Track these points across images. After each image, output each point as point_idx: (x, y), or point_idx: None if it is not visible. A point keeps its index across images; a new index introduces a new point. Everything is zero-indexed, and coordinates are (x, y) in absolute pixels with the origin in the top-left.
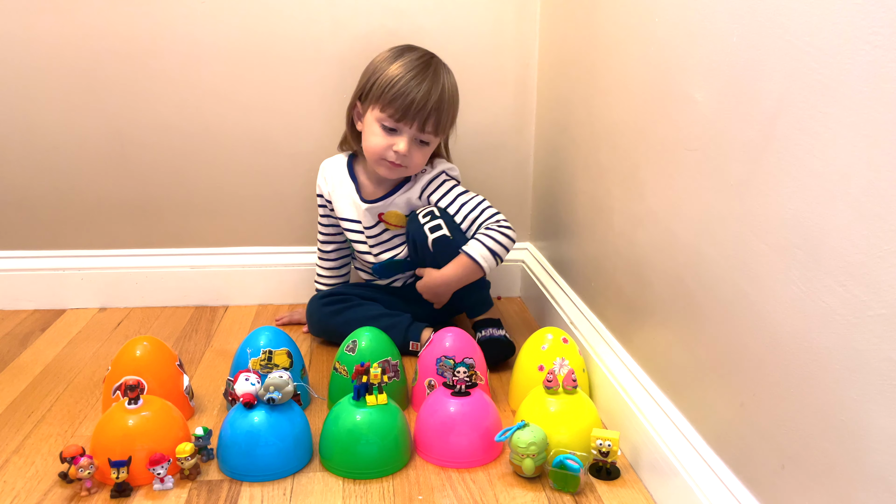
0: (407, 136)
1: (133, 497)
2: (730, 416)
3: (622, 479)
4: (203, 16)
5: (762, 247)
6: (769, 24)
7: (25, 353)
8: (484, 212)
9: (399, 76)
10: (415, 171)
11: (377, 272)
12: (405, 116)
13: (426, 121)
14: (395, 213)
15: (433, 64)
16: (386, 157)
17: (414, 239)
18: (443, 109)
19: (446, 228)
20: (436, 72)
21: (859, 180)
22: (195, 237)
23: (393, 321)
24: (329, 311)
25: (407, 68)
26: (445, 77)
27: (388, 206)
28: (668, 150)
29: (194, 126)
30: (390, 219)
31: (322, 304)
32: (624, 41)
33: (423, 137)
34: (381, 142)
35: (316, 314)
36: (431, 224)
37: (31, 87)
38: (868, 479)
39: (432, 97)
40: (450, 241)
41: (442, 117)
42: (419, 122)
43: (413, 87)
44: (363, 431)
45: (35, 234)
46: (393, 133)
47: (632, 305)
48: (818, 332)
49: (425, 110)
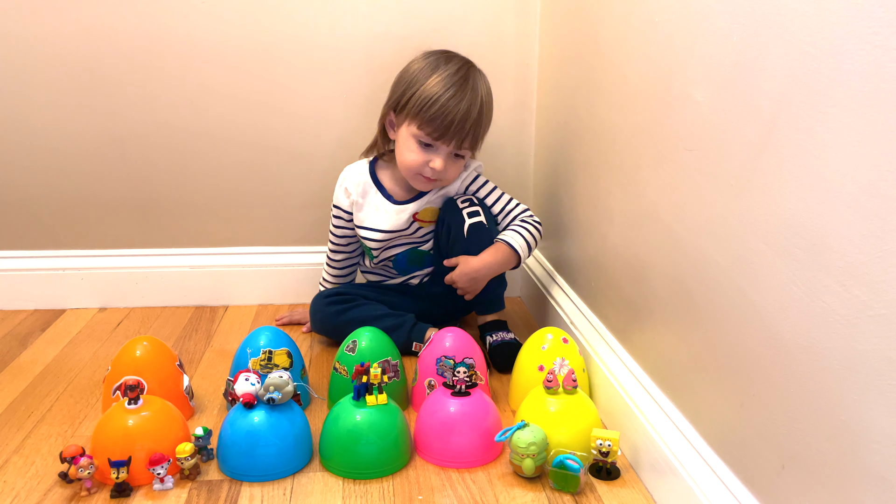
0: (444, 153)
1: (133, 497)
2: (730, 416)
3: (622, 479)
4: (203, 16)
5: (762, 247)
6: (769, 24)
7: (25, 353)
8: (517, 206)
9: (437, 94)
10: (448, 183)
11: (398, 264)
12: (444, 136)
13: (464, 139)
14: (430, 209)
15: (471, 77)
16: (422, 174)
17: (449, 224)
18: (481, 124)
19: (483, 216)
20: (474, 87)
21: (859, 180)
22: (195, 237)
23: (397, 321)
24: (333, 311)
25: (445, 85)
26: (482, 88)
27: (423, 205)
28: (668, 150)
29: (194, 126)
30: (425, 216)
31: (326, 302)
32: (624, 41)
33: (460, 153)
34: (417, 158)
35: (320, 313)
36: (470, 210)
37: (31, 87)
38: (868, 478)
39: (471, 115)
40: (485, 229)
41: (479, 132)
42: (457, 141)
43: (452, 107)
44: (363, 431)
45: (35, 234)
46: (429, 149)
47: (632, 305)
48: (818, 332)
49: (464, 130)
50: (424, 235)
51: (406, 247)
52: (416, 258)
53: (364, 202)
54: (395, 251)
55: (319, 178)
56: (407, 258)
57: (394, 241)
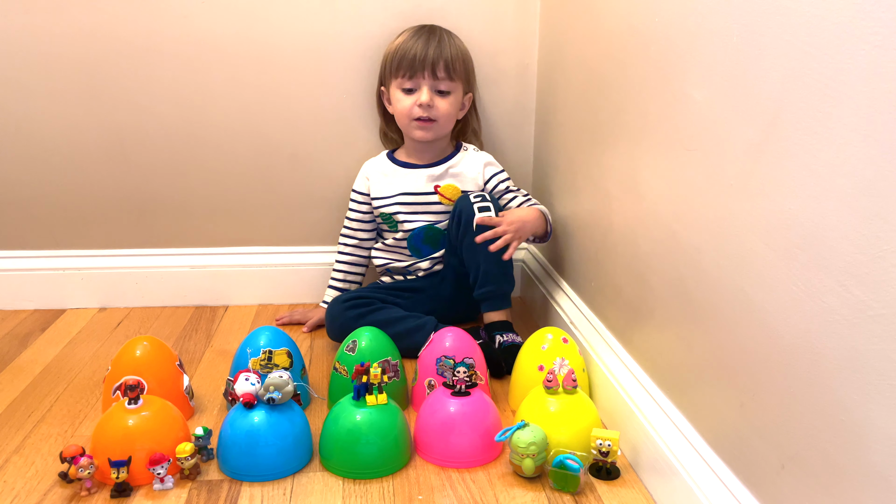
0: (426, 86)
1: (133, 497)
2: (730, 416)
3: (622, 479)
4: (203, 16)
5: (762, 247)
6: (769, 24)
7: (25, 353)
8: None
9: (401, 42)
10: (446, 122)
11: (413, 240)
12: (416, 70)
13: (435, 67)
14: (451, 185)
15: (435, 29)
16: (413, 116)
17: (461, 213)
18: (449, 55)
19: (494, 212)
20: (433, 31)
21: (859, 180)
22: (195, 237)
23: (417, 323)
24: (353, 315)
25: (407, 36)
26: (445, 34)
27: (444, 175)
28: (668, 150)
29: (194, 126)
30: (446, 192)
31: (346, 307)
32: (624, 41)
33: (441, 86)
34: (406, 103)
35: (339, 318)
36: (481, 205)
37: (31, 87)
38: (868, 478)
39: (431, 46)
40: None
41: (450, 62)
42: (430, 71)
43: (418, 47)
44: (363, 431)
45: (35, 234)
46: (413, 92)
47: (632, 305)
48: (818, 332)
49: (429, 58)
50: (443, 213)
51: (424, 221)
52: (432, 236)
53: (382, 179)
54: (414, 223)
55: (319, 178)
56: (423, 235)
57: (410, 210)
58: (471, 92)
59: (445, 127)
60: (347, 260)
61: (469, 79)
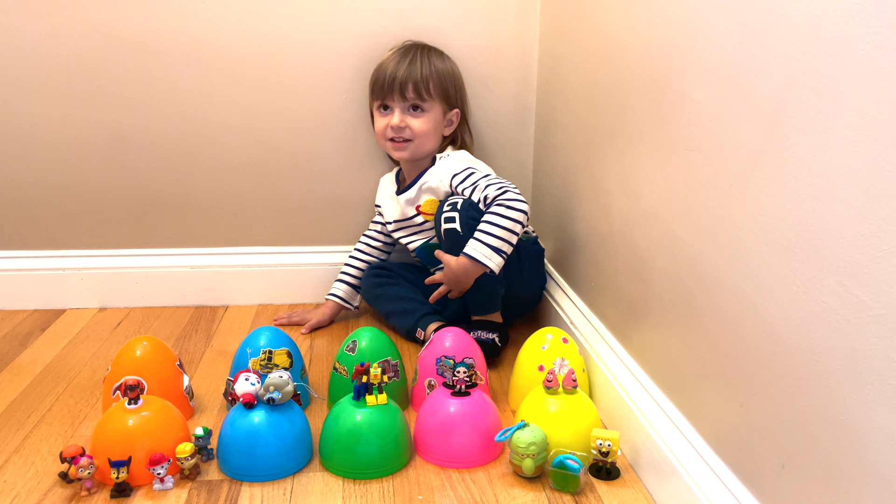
0: (397, 108)
1: (133, 497)
2: (730, 416)
3: (622, 479)
4: (203, 16)
5: (762, 247)
6: (769, 24)
7: (25, 353)
8: (488, 188)
9: (380, 63)
10: (423, 141)
11: (422, 256)
12: (387, 93)
13: (404, 89)
14: (430, 200)
15: (414, 48)
16: (387, 136)
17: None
18: (419, 76)
19: (458, 223)
20: (411, 52)
21: (859, 180)
22: (195, 237)
23: (408, 306)
24: (372, 283)
25: (388, 56)
26: (425, 53)
27: (418, 196)
28: (668, 150)
29: (194, 126)
30: (427, 209)
31: (371, 273)
32: (624, 41)
33: (413, 104)
34: (380, 124)
35: (364, 282)
36: (447, 215)
37: (31, 86)
38: (868, 478)
39: (402, 67)
40: (459, 237)
41: (420, 81)
42: (399, 93)
43: (390, 68)
44: (363, 431)
45: (35, 234)
46: (387, 111)
47: (632, 305)
48: (818, 332)
49: (398, 79)
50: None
51: (420, 240)
52: (432, 252)
53: (387, 202)
54: (413, 244)
55: (319, 178)
56: (425, 253)
57: (407, 232)
58: (457, 108)
59: (424, 145)
60: (361, 258)
61: (450, 96)
